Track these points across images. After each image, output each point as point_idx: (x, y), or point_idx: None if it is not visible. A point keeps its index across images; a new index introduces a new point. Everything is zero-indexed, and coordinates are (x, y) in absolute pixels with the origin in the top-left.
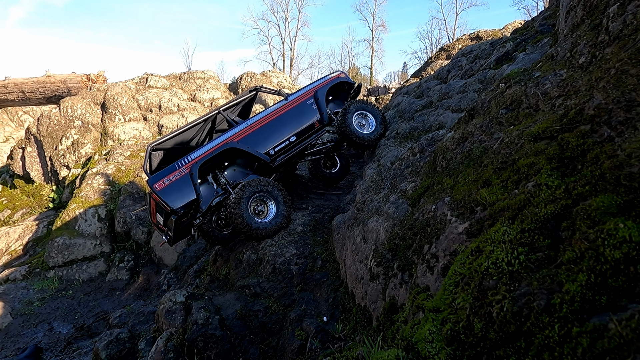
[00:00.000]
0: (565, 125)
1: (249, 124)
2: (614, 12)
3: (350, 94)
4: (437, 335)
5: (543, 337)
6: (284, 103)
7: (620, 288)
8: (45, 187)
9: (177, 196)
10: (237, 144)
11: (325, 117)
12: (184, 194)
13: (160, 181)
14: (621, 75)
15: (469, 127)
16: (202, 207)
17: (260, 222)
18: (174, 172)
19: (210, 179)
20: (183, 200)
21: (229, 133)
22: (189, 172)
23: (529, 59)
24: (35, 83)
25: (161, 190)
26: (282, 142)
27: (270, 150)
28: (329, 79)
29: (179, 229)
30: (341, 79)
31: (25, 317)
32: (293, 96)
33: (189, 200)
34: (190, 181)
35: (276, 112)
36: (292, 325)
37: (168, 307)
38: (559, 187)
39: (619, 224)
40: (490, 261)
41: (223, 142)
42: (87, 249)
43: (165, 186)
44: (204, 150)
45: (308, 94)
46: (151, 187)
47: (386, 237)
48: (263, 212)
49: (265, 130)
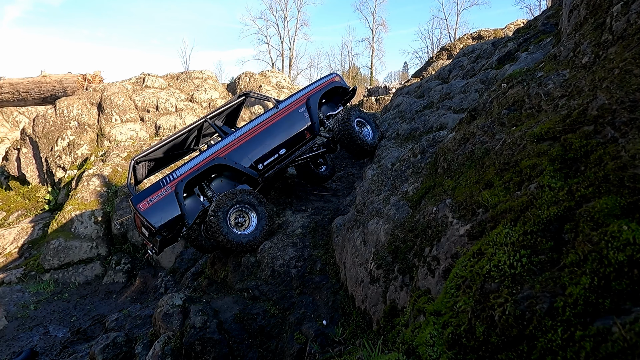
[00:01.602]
0: (568, 126)
1: (237, 137)
2: (617, 11)
3: (344, 97)
4: (439, 339)
5: (546, 341)
6: (274, 112)
7: (624, 291)
8: (40, 189)
9: (162, 216)
10: (224, 159)
11: (317, 127)
12: (169, 214)
13: (144, 201)
14: (625, 75)
15: (471, 128)
16: (188, 221)
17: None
18: (158, 191)
19: (196, 190)
20: (168, 221)
21: (215, 147)
22: (174, 191)
23: (532, 59)
24: (30, 83)
25: (145, 211)
26: (271, 156)
27: (259, 165)
28: (322, 84)
29: (165, 242)
30: (335, 83)
31: (21, 320)
32: (284, 104)
33: (174, 219)
34: (176, 200)
35: (265, 123)
36: (291, 329)
37: (165, 311)
38: (562, 188)
39: (623, 226)
40: (492, 264)
41: (209, 158)
42: (83, 251)
43: (149, 206)
44: (190, 167)
45: (300, 102)
46: (135, 207)
47: (386, 239)
48: (244, 224)
49: (253, 143)
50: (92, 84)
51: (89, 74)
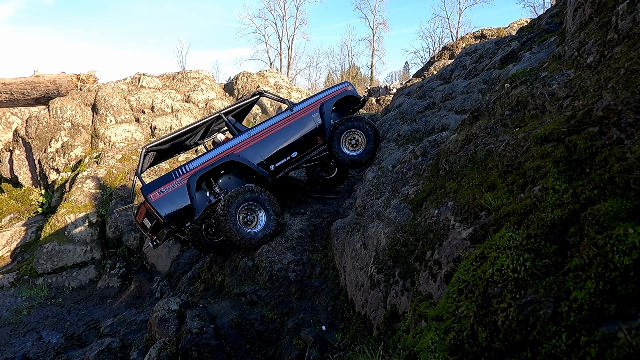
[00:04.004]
0: (572, 127)
1: (252, 135)
2: (623, 9)
3: (354, 106)
4: (440, 345)
5: (550, 346)
6: (289, 114)
7: (630, 296)
8: (34, 191)
9: (172, 208)
10: (238, 157)
11: (329, 133)
12: (179, 206)
13: (155, 191)
14: (631, 75)
15: (473, 129)
16: (195, 215)
17: (249, 232)
18: (170, 183)
19: (204, 186)
20: (178, 213)
21: (230, 143)
22: (187, 184)
23: (535, 59)
24: (23, 83)
25: (156, 202)
26: (284, 158)
27: (271, 166)
28: (336, 92)
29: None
30: (349, 92)
31: (13, 325)
32: (299, 107)
33: (184, 212)
34: (187, 193)
35: (280, 124)
36: (289, 335)
37: (161, 316)
38: (567, 191)
39: (629, 229)
40: (495, 268)
41: (224, 154)
42: (77, 255)
43: (160, 197)
44: (203, 160)
45: (314, 106)
46: (145, 196)
47: (387, 243)
48: (252, 222)
49: (268, 143)
50: (86, 84)
51: (83, 74)
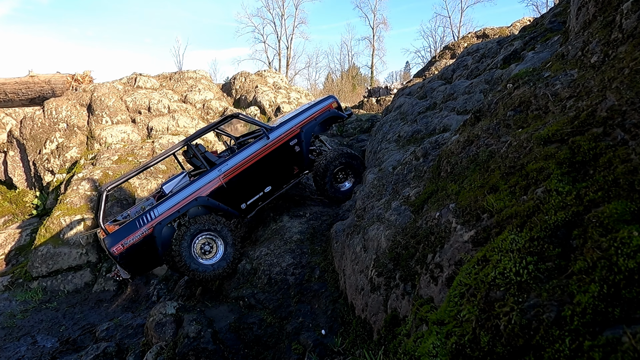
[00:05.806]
0: (576, 127)
1: (223, 172)
2: (627, 8)
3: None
4: (442, 349)
5: (553, 351)
6: (264, 144)
7: (635, 299)
8: (28, 193)
9: (137, 260)
10: (207, 200)
11: (307, 161)
12: (145, 256)
13: (118, 244)
14: (635, 75)
15: (475, 130)
16: (159, 253)
17: (202, 264)
18: (135, 233)
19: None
20: (145, 263)
21: (198, 183)
22: (152, 234)
23: (538, 58)
24: (17, 83)
25: (119, 255)
26: (256, 194)
27: (242, 205)
28: (317, 112)
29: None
30: (332, 112)
31: (7, 330)
32: (275, 134)
33: (151, 261)
34: (153, 243)
35: (254, 157)
36: (288, 339)
37: (158, 320)
38: (570, 193)
39: (633, 231)
40: (497, 271)
41: (191, 198)
42: (72, 258)
43: (123, 249)
44: (169, 206)
45: (292, 132)
46: (108, 250)
47: (388, 245)
48: (210, 252)
49: (239, 181)
50: (81, 84)
51: (78, 74)
